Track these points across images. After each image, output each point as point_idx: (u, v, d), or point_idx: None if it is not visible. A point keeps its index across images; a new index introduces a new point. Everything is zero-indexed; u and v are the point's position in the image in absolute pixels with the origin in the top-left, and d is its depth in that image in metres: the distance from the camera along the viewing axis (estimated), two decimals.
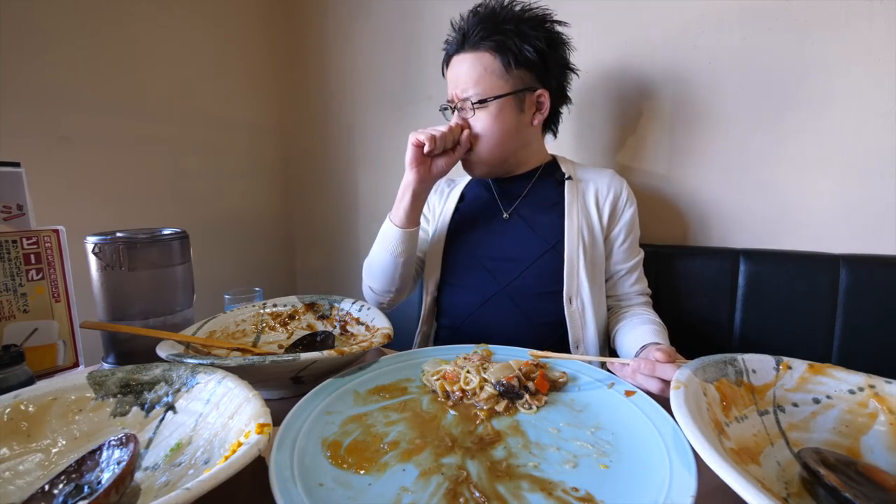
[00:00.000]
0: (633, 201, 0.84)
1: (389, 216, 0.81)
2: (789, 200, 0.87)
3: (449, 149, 0.78)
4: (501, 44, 0.74)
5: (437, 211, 0.93)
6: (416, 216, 0.80)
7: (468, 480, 0.38)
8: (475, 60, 0.76)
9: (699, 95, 0.92)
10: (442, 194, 0.95)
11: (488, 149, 0.79)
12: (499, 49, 0.75)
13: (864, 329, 0.77)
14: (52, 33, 1.02)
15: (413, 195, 0.77)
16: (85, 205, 1.09)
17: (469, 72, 0.76)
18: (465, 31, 0.77)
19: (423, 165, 0.77)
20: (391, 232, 0.79)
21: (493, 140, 0.79)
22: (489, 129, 0.78)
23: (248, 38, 1.45)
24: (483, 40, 0.75)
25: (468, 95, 0.76)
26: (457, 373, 0.54)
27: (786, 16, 0.82)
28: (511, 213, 0.84)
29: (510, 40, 0.74)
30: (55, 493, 0.36)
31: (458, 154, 0.79)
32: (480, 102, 0.76)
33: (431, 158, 0.78)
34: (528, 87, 0.78)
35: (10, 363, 0.52)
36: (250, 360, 0.48)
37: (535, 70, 0.78)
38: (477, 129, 0.78)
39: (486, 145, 0.79)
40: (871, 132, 0.78)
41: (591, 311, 0.79)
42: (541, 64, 0.77)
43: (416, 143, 0.75)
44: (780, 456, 0.40)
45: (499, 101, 0.76)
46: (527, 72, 0.77)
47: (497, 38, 0.74)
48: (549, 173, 0.87)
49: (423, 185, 0.78)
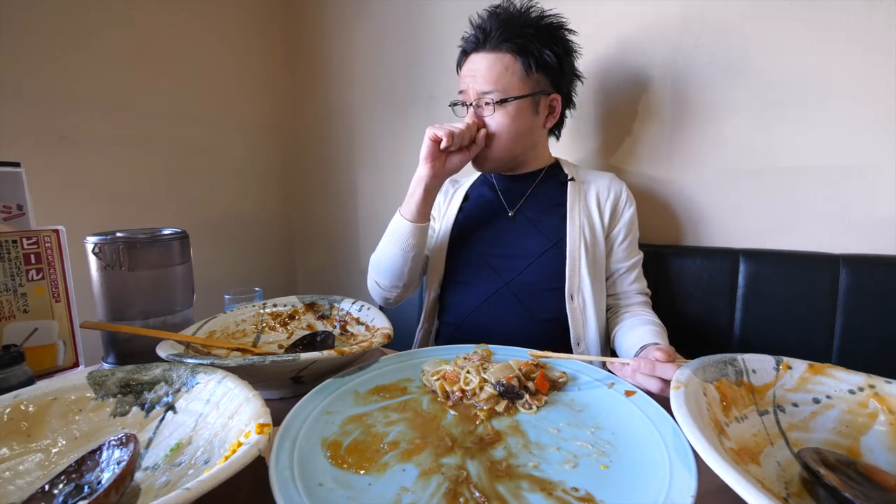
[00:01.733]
0: (632, 202, 0.86)
1: (400, 211, 0.81)
2: (789, 200, 0.86)
3: (464, 146, 0.78)
4: (523, 47, 0.76)
5: (442, 210, 0.94)
6: (427, 211, 0.80)
7: (468, 480, 0.38)
8: (496, 60, 0.77)
9: (699, 95, 0.92)
10: (446, 194, 0.96)
11: (502, 147, 0.81)
12: (521, 52, 0.76)
13: (864, 329, 0.77)
14: (52, 33, 1.02)
15: (425, 189, 0.78)
16: (85, 205, 1.09)
17: (490, 70, 0.77)
18: (487, 31, 0.77)
19: (438, 161, 0.77)
20: (402, 227, 0.80)
21: (507, 139, 0.80)
22: (505, 129, 0.79)
23: (248, 38, 1.45)
24: (505, 41, 0.76)
25: (488, 91, 0.77)
26: (457, 373, 0.54)
27: (786, 15, 0.82)
28: (515, 213, 0.86)
29: (532, 44, 0.76)
30: (55, 493, 0.36)
31: (473, 152, 0.80)
32: (502, 102, 0.77)
33: (447, 154, 0.78)
34: (544, 91, 0.81)
35: (10, 363, 0.52)
36: (250, 360, 0.48)
37: (552, 75, 0.80)
38: (493, 128, 0.79)
39: (501, 144, 0.80)
40: (871, 132, 0.78)
41: (592, 308, 0.80)
42: (558, 69, 0.80)
43: (434, 137, 0.75)
44: (780, 456, 0.40)
45: (518, 101, 0.78)
46: (544, 76, 0.80)
47: (519, 41, 0.76)
48: (553, 175, 0.88)
49: (436, 180, 0.78)
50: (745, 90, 0.87)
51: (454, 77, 0.87)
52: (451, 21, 1.19)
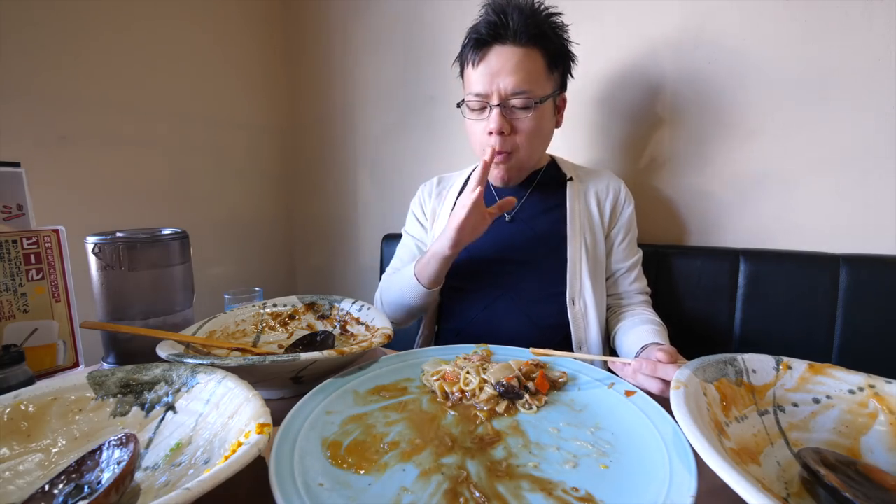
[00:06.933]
0: (630, 200, 0.85)
1: (415, 271, 0.77)
2: (789, 200, 0.87)
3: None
4: (549, 43, 0.72)
5: (435, 215, 0.91)
6: (444, 276, 0.77)
7: (468, 480, 0.38)
8: (526, 56, 0.71)
9: (699, 96, 0.92)
10: (440, 197, 0.92)
11: (531, 152, 0.77)
12: (547, 48, 0.73)
13: (864, 329, 0.77)
14: (52, 33, 1.02)
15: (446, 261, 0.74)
16: (85, 205, 1.09)
17: (521, 66, 0.71)
18: (509, 20, 0.70)
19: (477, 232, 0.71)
20: (416, 288, 0.76)
21: (537, 143, 0.76)
22: (537, 132, 0.75)
23: (248, 38, 1.45)
24: (533, 37, 0.71)
25: (522, 92, 0.71)
26: (456, 373, 0.54)
27: (786, 16, 0.82)
28: (513, 217, 0.83)
29: (553, 42, 0.73)
30: (55, 493, 0.36)
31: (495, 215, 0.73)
32: (540, 102, 0.72)
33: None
34: (558, 89, 0.78)
35: (10, 363, 0.52)
36: (250, 360, 0.48)
37: (564, 73, 0.78)
38: (526, 133, 0.74)
39: (531, 148, 0.76)
40: (870, 132, 0.78)
41: (593, 312, 0.78)
42: (569, 67, 0.78)
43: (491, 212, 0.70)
44: (780, 456, 0.40)
45: (548, 101, 0.75)
46: (559, 74, 0.77)
47: (545, 38, 0.72)
48: (551, 175, 0.86)
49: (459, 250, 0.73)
50: (746, 90, 0.87)
51: (454, 77, 0.85)
52: (451, 21, 1.19)
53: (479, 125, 0.77)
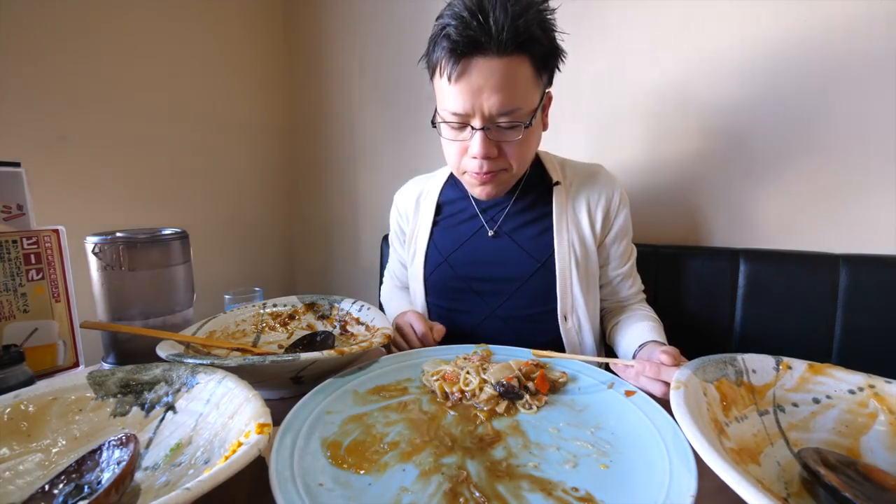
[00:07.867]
0: (625, 203, 0.77)
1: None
2: (789, 200, 0.87)
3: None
4: (538, 46, 0.61)
5: (413, 226, 0.85)
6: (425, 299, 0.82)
7: (468, 480, 0.38)
8: (512, 68, 0.60)
9: (699, 96, 0.92)
10: (417, 205, 0.85)
11: (520, 168, 0.69)
12: (534, 53, 0.61)
13: (864, 329, 0.77)
14: (53, 33, 1.02)
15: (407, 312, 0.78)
16: (85, 205, 1.09)
17: (506, 82, 0.60)
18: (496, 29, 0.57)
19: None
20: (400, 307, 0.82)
21: (527, 157, 0.70)
22: (528, 148, 0.68)
23: (248, 38, 1.45)
24: (521, 45, 0.59)
25: (510, 111, 0.62)
26: (456, 373, 0.54)
27: (786, 16, 0.82)
28: (496, 231, 0.77)
29: (543, 43, 0.61)
30: (55, 493, 0.36)
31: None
32: (529, 124, 0.63)
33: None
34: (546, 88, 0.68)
35: (10, 363, 0.52)
36: (250, 360, 0.48)
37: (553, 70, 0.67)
38: (516, 153, 0.66)
39: (520, 164, 0.69)
40: (870, 132, 0.78)
41: (587, 326, 0.75)
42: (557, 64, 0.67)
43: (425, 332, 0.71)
44: (780, 456, 0.40)
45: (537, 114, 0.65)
46: (548, 75, 0.66)
47: (534, 42, 0.60)
48: (536, 179, 0.78)
49: None
50: (745, 90, 0.87)
51: None
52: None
53: (456, 144, 0.67)
